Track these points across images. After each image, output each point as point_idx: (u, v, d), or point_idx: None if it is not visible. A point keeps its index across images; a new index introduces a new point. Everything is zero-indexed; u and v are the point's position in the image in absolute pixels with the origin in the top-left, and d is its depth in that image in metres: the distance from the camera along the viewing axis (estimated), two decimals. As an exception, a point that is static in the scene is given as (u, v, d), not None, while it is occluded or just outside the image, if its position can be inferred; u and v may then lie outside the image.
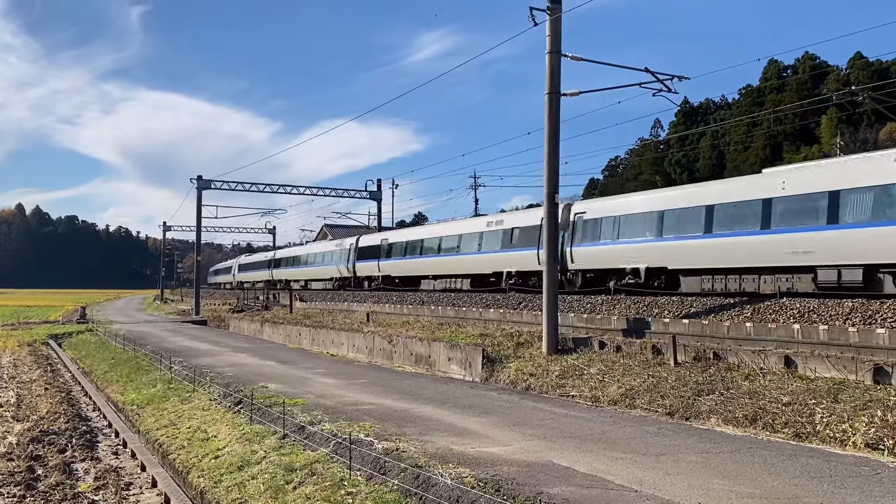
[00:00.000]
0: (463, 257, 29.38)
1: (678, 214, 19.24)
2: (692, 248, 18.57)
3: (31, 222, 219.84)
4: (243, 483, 8.95)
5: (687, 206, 19.07)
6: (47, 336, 34.55)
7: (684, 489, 6.83)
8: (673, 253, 19.26)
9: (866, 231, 14.49)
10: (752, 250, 16.90)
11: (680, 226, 19.08)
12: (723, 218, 17.86)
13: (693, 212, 18.80)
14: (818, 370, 11.11)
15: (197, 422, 12.66)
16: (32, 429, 14.54)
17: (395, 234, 38.57)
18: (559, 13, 15.88)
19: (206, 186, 47.48)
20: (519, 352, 16.00)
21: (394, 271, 36.43)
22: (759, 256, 16.73)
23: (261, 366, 18.83)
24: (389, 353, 19.46)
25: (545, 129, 16.17)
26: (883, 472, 7.49)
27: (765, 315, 13.92)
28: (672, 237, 19.17)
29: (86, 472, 11.94)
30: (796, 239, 15.81)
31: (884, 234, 14.15)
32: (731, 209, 17.74)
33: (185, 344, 26.06)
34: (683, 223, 19.01)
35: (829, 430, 8.92)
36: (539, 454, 8.41)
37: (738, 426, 9.81)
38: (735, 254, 17.43)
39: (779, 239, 16.21)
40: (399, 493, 7.37)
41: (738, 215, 17.47)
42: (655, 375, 12.35)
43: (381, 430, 9.85)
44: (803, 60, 76.51)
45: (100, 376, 21.11)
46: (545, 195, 16.18)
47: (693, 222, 18.60)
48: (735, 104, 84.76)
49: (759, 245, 16.70)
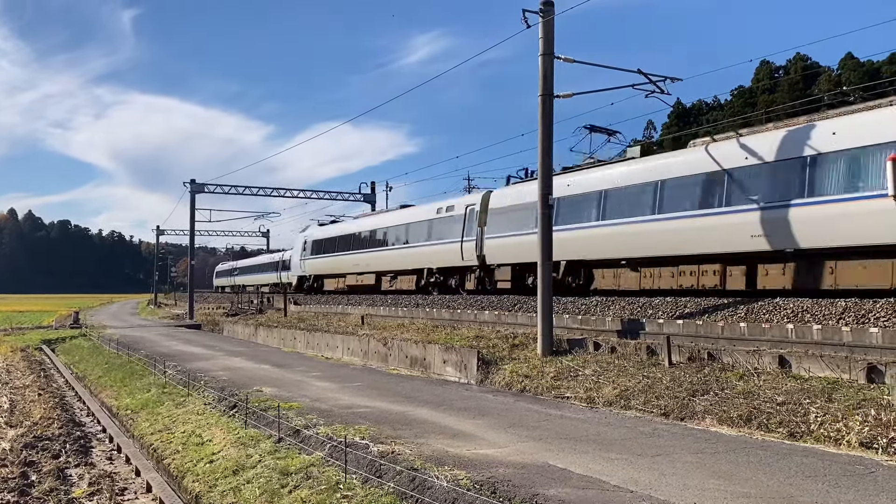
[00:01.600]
0: (376, 254, 31.72)
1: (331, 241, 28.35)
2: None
3: (23, 227, 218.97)
4: (238, 487, 8.92)
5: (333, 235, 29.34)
6: (40, 341, 34.36)
7: (680, 489, 6.84)
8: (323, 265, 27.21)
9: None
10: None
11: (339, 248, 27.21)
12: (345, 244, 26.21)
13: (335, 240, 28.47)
14: (812, 370, 11.14)
15: (191, 426, 12.62)
16: (26, 434, 14.46)
17: (322, 231, 40.16)
18: (552, 15, 15.91)
19: (199, 190, 47.36)
20: (514, 353, 15.99)
21: (313, 270, 38.55)
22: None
23: (255, 369, 18.78)
24: (384, 356, 19.43)
25: (539, 130, 16.17)
26: (877, 470, 7.52)
27: (758, 315, 13.96)
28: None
29: (80, 477, 11.88)
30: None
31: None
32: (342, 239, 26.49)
33: (180, 348, 25.98)
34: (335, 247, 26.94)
35: (824, 430, 8.94)
36: (535, 456, 8.41)
37: (732, 426, 9.83)
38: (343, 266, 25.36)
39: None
40: (395, 496, 7.36)
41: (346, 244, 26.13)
42: (650, 376, 12.37)
43: (376, 433, 9.84)
44: (795, 61, 76.86)
45: (93, 381, 21.01)
46: (539, 196, 16.18)
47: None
48: (727, 105, 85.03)
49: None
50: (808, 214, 14.12)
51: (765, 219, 14.88)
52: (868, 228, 13.16)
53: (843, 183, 13.71)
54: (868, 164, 13.37)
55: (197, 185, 47.15)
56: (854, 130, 13.84)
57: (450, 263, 26.16)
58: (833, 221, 13.72)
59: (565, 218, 19.78)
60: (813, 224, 14.05)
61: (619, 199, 18.52)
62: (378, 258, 31.51)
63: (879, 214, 12.92)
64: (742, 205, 15.40)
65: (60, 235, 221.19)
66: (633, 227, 17.86)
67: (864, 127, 13.78)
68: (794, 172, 14.55)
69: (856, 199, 13.39)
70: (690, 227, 16.47)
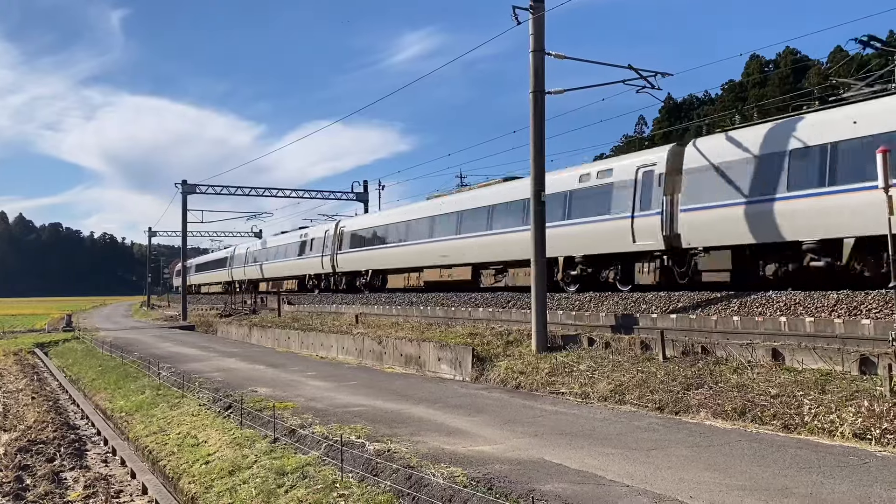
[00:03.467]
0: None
1: (383, 229, 31.41)
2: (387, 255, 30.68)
3: (14, 230, 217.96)
4: (234, 488, 8.91)
5: (385, 224, 31.47)
6: (33, 345, 34.18)
7: (675, 483, 6.87)
8: (383, 258, 31.04)
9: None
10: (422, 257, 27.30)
11: (382, 240, 31.41)
12: (405, 232, 28.96)
13: (387, 228, 30.99)
14: (805, 362, 11.20)
15: (186, 427, 12.59)
16: (20, 438, 14.40)
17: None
18: (542, 12, 15.91)
19: (190, 191, 47.21)
20: (508, 350, 16.02)
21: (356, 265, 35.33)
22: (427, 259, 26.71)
23: (250, 370, 18.75)
24: (379, 355, 19.42)
25: (530, 127, 16.19)
26: (871, 461, 7.57)
27: (751, 308, 14.00)
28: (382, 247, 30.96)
29: (75, 480, 11.84)
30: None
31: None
32: (405, 225, 29.12)
33: (173, 350, 25.89)
34: (382, 239, 31.28)
35: (817, 421, 8.99)
36: (531, 451, 8.43)
37: (727, 419, 9.87)
38: (412, 258, 28.37)
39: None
40: (391, 493, 7.36)
41: (418, 230, 27.96)
42: (644, 371, 12.41)
43: (372, 431, 9.84)
44: (785, 55, 77.16)
45: (87, 384, 20.94)
46: (532, 193, 16.20)
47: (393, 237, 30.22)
48: (718, 99, 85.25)
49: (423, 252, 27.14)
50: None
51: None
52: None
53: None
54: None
55: (189, 185, 46.98)
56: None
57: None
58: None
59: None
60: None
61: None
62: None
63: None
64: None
65: (52, 238, 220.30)
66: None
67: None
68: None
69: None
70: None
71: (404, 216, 29.88)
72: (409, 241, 28.77)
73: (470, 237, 24.55)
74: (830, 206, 13.32)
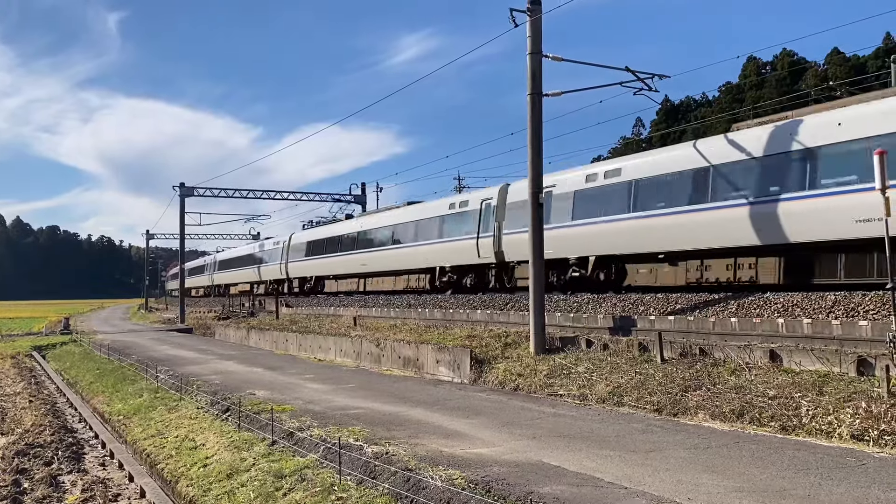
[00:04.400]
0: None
1: (319, 243, 37.25)
2: (330, 263, 35.98)
3: (11, 233, 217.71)
4: (233, 491, 8.90)
5: (322, 237, 37.45)
6: (31, 348, 34.14)
7: (673, 485, 6.88)
8: (322, 266, 36.92)
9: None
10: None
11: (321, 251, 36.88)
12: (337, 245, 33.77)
13: (323, 242, 36.66)
14: (803, 363, 11.20)
15: (184, 430, 12.57)
16: (17, 442, 14.38)
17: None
18: (539, 14, 15.93)
19: (188, 194, 47.19)
20: (506, 352, 16.01)
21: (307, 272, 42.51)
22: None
23: (248, 373, 18.73)
24: (377, 357, 19.41)
25: (528, 129, 16.19)
26: (868, 462, 7.58)
27: (749, 310, 14.01)
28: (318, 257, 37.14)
29: (73, 484, 11.82)
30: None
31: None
32: (338, 239, 34.66)
33: (171, 352, 25.86)
34: (321, 250, 36.85)
35: (815, 423, 9.00)
36: (529, 454, 8.43)
37: (725, 421, 9.88)
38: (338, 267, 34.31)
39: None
40: (390, 496, 7.36)
41: (348, 242, 33.17)
42: (642, 372, 12.41)
43: (370, 434, 9.83)
44: (782, 57, 77.35)
45: (85, 387, 20.90)
46: (529, 195, 16.20)
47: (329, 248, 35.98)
48: (715, 101, 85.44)
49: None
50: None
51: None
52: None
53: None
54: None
55: (186, 188, 46.97)
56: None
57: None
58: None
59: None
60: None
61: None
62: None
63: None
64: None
65: (49, 241, 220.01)
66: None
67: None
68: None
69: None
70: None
71: (332, 232, 37.66)
72: (338, 252, 35.97)
73: (378, 251, 31.60)
74: (571, 234, 19.20)
